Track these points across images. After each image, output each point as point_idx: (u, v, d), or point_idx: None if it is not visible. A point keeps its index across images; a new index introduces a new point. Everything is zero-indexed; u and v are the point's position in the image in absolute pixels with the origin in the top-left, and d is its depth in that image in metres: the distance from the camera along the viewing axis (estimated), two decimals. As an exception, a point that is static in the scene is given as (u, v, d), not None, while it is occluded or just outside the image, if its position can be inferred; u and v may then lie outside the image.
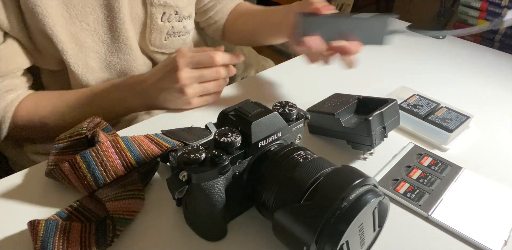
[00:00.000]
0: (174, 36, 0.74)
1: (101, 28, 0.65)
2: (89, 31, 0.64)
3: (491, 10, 1.07)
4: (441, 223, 0.48)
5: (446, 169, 0.56)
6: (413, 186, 0.53)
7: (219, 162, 0.39)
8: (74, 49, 0.64)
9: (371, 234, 0.41)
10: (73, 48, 0.64)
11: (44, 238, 0.41)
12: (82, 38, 0.64)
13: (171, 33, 0.73)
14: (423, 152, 0.59)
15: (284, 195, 0.40)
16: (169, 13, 0.70)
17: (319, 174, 0.39)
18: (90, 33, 0.65)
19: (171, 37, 0.74)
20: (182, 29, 0.75)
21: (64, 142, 0.52)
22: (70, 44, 0.63)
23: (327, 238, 0.35)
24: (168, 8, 0.70)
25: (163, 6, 0.69)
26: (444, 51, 0.92)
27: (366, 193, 0.36)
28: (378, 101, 0.57)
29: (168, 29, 0.72)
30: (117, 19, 0.65)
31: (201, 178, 0.39)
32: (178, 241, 0.45)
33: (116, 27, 0.65)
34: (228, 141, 0.40)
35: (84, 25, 0.63)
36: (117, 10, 0.64)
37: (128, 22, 0.66)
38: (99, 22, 0.64)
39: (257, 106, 0.43)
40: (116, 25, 0.65)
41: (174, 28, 0.73)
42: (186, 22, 0.75)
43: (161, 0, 0.68)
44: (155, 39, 0.72)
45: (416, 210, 0.50)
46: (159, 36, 0.72)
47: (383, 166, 0.56)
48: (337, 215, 0.35)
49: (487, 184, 0.54)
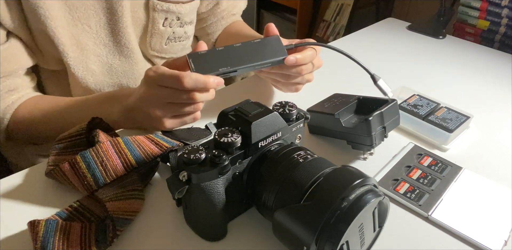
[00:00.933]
0: (175, 41, 0.74)
1: (103, 31, 0.65)
2: (91, 34, 0.64)
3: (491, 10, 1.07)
4: (441, 223, 0.48)
5: (446, 169, 0.56)
6: (413, 186, 0.53)
7: (219, 162, 0.39)
8: (75, 51, 0.64)
9: (371, 234, 0.41)
10: (74, 50, 0.64)
11: (44, 238, 0.41)
12: (83, 41, 0.64)
13: (171, 38, 0.73)
14: (423, 152, 0.59)
15: (284, 195, 0.39)
16: (171, 18, 0.70)
17: (319, 174, 0.39)
18: (92, 36, 0.65)
19: (172, 42, 0.74)
20: (183, 34, 0.75)
21: (64, 142, 0.52)
22: (71, 46, 0.63)
23: (327, 238, 0.35)
24: (170, 14, 0.70)
25: (166, 11, 0.69)
26: (444, 51, 0.92)
27: (366, 193, 0.36)
28: (378, 102, 0.57)
29: (169, 34, 0.72)
30: (120, 23, 0.65)
31: (201, 178, 0.39)
32: (178, 241, 0.45)
33: (119, 30, 0.65)
34: (228, 141, 0.40)
35: (86, 28, 0.63)
36: (120, 14, 0.64)
37: (130, 26, 0.66)
38: (101, 25, 0.64)
39: (257, 106, 0.43)
40: (119, 28, 0.65)
41: (175, 33, 0.73)
42: (187, 28, 0.75)
43: (163, 6, 0.68)
44: (155, 43, 0.72)
45: (416, 210, 0.50)
46: (160, 40, 0.72)
47: (383, 166, 0.56)
48: (337, 215, 0.35)
49: (487, 184, 0.54)
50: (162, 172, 0.54)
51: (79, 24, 0.63)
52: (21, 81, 0.64)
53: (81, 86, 0.67)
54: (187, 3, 0.71)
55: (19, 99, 0.63)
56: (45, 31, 0.59)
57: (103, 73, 0.69)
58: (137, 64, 0.71)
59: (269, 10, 2.40)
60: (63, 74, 0.68)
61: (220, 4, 0.82)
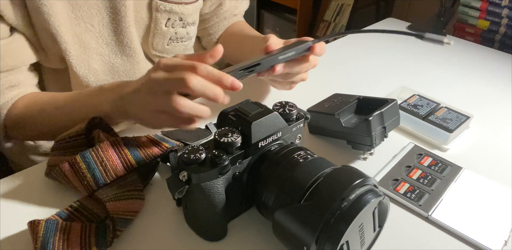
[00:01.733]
0: (177, 41, 0.74)
1: (105, 30, 0.65)
2: (94, 33, 0.64)
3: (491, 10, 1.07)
4: (441, 223, 0.48)
5: (446, 169, 0.56)
6: (413, 186, 0.53)
7: (219, 162, 0.39)
8: (78, 50, 0.64)
9: (371, 234, 0.41)
10: (77, 49, 0.64)
11: (44, 238, 0.41)
12: (86, 40, 0.64)
13: (174, 39, 0.73)
14: (423, 152, 0.58)
15: (284, 195, 0.39)
16: (174, 19, 0.70)
17: (319, 174, 0.39)
18: (95, 35, 0.65)
19: (174, 42, 0.74)
20: (185, 35, 0.75)
21: (64, 142, 0.52)
22: (73, 45, 0.63)
23: (327, 238, 0.35)
24: (173, 15, 0.70)
25: (169, 12, 0.69)
26: (444, 51, 0.92)
27: (366, 193, 0.36)
28: (378, 102, 0.57)
29: (171, 34, 0.72)
30: (123, 22, 0.65)
31: (201, 178, 0.39)
32: (178, 242, 0.45)
33: (121, 30, 0.65)
34: (228, 141, 0.40)
35: (89, 27, 0.63)
36: (123, 14, 0.64)
37: (132, 26, 0.66)
38: (104, 24, 0.64)
39: (257, 107, 0.43)
40: (121, 28, 0.65)
41: (178, 34, 0.73)
42: (189, 29, 0.75)
43: (167, 6, 0.68)
44: (158, 43, 0.72)
45: (416, 210, 0.50)
46: (162, 41, 0.72)
47: (383, 166, 0.56)
48: (337, 215, 0.35)
49: (487, 184, 0.54)
50: (162, 172, 0.54)
51: (82, 23, 0.63)
52: (23, 78, 0.63)
53: (82, 85, 0.67)
54: (190, 4, 0.72)
55: (18, 95, 0.63)
56: (48, 29, 0.59)
57: (104, 72, 0.69)
58: (138, 63, 0.71)
59: (269, 10, 2.40)
60: (64, 73, 0.68)
61: (223, 5, 0.82)
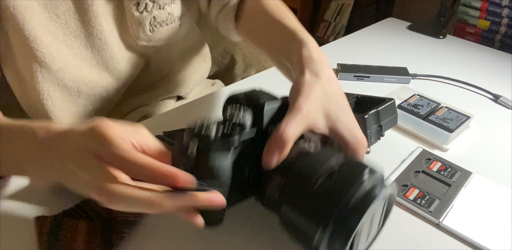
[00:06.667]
0: (161, 25, 0.64)
1: (73, 21, 0.58)
2: (60, 24, 0.57)
3: (491, 10, 1.07)
4: (452, 230, 0.47)
5: (456, 174, 0.55)
6: (423, 192, 0.52)
7: (231, 134, 0.38)
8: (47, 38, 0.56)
9: (375, 228, 0.40)
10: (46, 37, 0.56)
11: (49, 234, 0.41)
12: (52, 30, 0.57)
13: (155, 24, 0.64)
14: (432, 157, 0.57)
15: (295, 183, 0.38)
16: (144, 2, 0.61)
17: (331, 162, 0.38)
18: (61, 26, 0.57)
19: (157, 27, 0.64)
20: (168, 16, 0.65)
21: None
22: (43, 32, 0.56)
23: (339, 229, 0.34)
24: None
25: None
26: (444, 51, 0.93)
27: (379, 183, 0.36)
28: (375, 100, 0.57)
29: (149, 20, 0.63)
30: (90, 12, 0.58)
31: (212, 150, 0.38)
32: (186, 243, 0.44)
33: (89, 20, 0.58)
34: (240, 116, 0.39)
35: (53, 17, 0.56)
36: (90, 3, 0.57)
37: (101, 15, 0.59)
38: (70, 14, 0.57)
39: (268, 94, 0.44)
40: (89, 18, 0.58)
41: (157, 17, 0.63)
42: (170, 8, 0.64)
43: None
44: (138, 32, 0.63)
45: (426, 216, 0.48)
46: (141, 28, 0.63)
47: (392, 171, 0.55)
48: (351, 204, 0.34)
49: (498, 190, 0.53)
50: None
51: (46, 12, 0.56)
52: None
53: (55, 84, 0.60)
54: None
55: None
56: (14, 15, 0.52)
57: (79, 67, 0.61)
58: (112, 58, 0.63)
59: (269, 10, 2.39)
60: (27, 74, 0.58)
61: None
